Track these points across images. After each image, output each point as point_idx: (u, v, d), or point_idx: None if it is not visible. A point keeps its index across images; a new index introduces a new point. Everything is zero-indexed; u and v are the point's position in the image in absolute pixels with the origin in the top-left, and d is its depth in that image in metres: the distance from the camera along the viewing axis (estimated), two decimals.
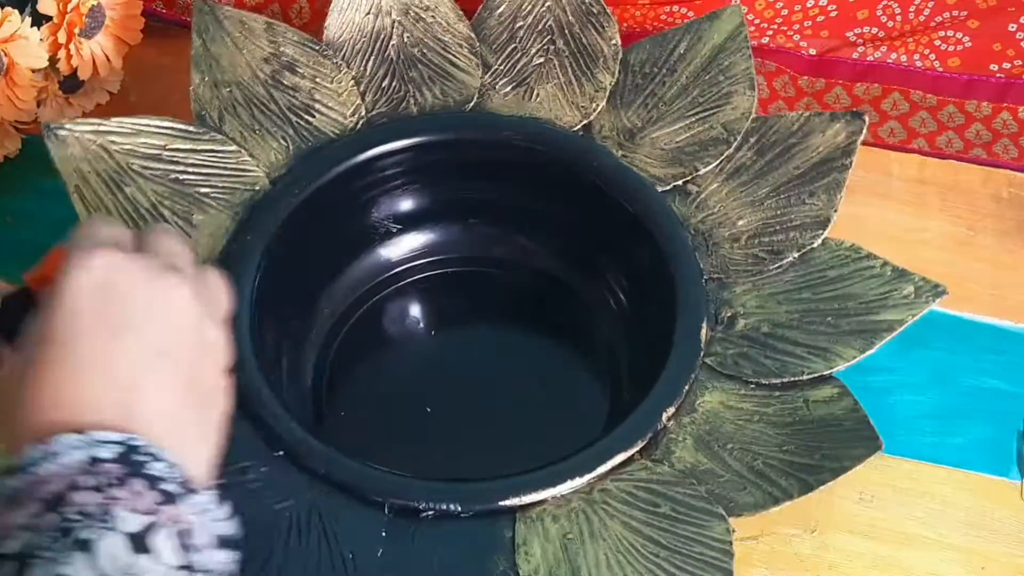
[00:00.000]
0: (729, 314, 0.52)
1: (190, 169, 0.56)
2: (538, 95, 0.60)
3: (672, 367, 0.50)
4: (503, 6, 0.63)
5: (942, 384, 0.51)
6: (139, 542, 0.33)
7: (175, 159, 0.56)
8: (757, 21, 0.73)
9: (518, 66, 0.61)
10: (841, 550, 0.52)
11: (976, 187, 0.66)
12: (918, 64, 0.72)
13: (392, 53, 0.61)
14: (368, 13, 0.62)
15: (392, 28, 0.62)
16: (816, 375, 0.49)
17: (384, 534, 0.46)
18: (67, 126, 0.55)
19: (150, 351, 0.38)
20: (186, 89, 0.58)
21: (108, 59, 0.64)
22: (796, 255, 0.53)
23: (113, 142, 0.55)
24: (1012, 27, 0.70)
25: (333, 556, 0.45)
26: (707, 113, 0.58)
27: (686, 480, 0.47)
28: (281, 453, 0.48)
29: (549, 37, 0.62)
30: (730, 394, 0.49)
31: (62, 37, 0.61)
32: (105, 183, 0.55)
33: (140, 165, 0.55)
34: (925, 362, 0.56)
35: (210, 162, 0.57)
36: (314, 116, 0.59)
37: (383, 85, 0.60)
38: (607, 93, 0.60)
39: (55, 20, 0.60)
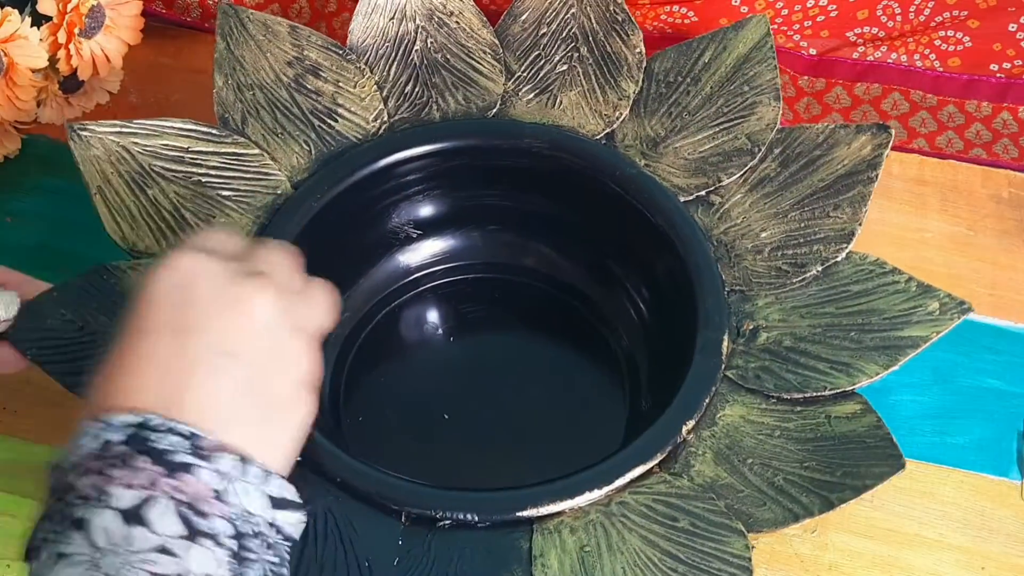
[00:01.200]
0: (751, 327, 0.52)
1: (212, 172, 0.56)
2: (561, 103, 0.60)
3: (692, 379, 0.50)
4: (527, 12, 0.62)
5: (942, 384, 0.51)
6: (132, 515, 0.34)
7: (197, 161, 0.56)
8: None
9: (541, 73, 0.61)
10: (841, 550, 0.52)
11: (976, 187, 0.66)
12: (918, 64, 0.71)
13: (416, 58, 0.61)
14: (392, 18, 0.61)
15: (416, 33, 0.61)
16: (839, 391, 0.48)
17: (400, 542, 0.46)
18: (90, 127, 0.55)
19: (213, 350, 0.39)
20: (185, 89, 0.59)
21: (108, 59, 0.64)
22: (820, 268, 0.53)
23: (136, 143, 0.55)
24: (1012, 27, 0.70)
25: (349, 563, 0.45)
26: (731, 123, 0.58)
27: (705, 494, 0.46)
28: (298, 458, 0.48)
29: (573, 44, 0.61)
30: (751, 408, 0.49)
31: (62, 37, 0.60)
32: (128, 184, 0.55)
33: (162, 167, 0.55)
34: (925, 362, 0.56)
35: (232, 165, 0.56)
36: (337, 120, 0.59)
37: (406, 90, 0.60)
38: (631, 102, 0.59)
39: (55, 20, 0.60)
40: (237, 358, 0.39)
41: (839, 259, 0.53)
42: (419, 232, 0.61)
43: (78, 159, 0.54)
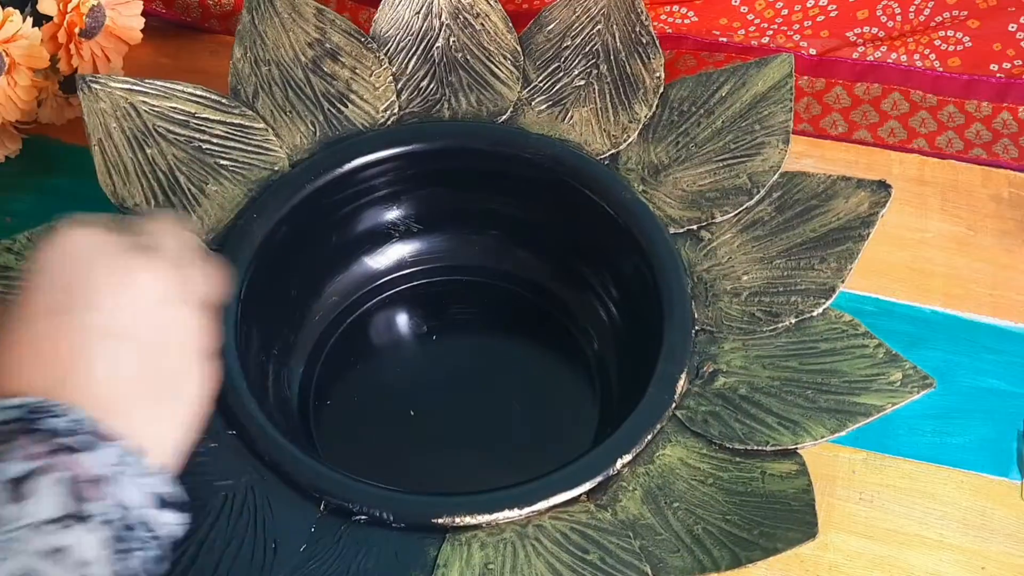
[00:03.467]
0: (711, 369, 0.50)
1: (214, 139, 0.57)
2: (572, 117, 0.59)
3: (640, 413, 0.49)
4: (554, 24, 0.62)
5: (942, 384, 0.50)
6: (14, 489, 0.33)
7: (202, 127, 0.57)
8: (757, 21, 0.72)
9: (558, 85, 0.60)
10: (841, 550, 0.52)
11: (976, 187, 0.66)
12: (918, 64, 0.71)
13: (435, 55, 0.61)
14: (418, 12, 0.62)
15: (440, 30, 0.61)
16: (780, 448, 0.47)
17: (313, 530, 0.46)
18: (102, 80, 0.56)
19: (99, 332, 0.38)
20: None
21: (108, 59, 0.64)
22: (793, 321, 0.51)
23: (144, 102, 0.57)
24: (1012, 27, 0.70)
25: (256, 541, 0.45)
26: (736, 161, 0.56)
27: (623, 532, 0.45)
28: (233, 432, 0.48)
29: (594, 61, 0.60)
30: (691, 451, 0.48)
31: (62, 37, 0.60)
32: (128, 141, 0.56)
33: (166, 128, 0.56)
34: (925, 362, 0.54)
35: (235, 136, 0.57)
36: (347, 106, 0.59)
37: (421, 85, 0.60)
38: (640, 125, 0.58)
39: (55, 20, 0.60)
40: (125, 338, 0.38)
41: (814, 314, 0.51)
42: (413, 228, 0.61)
43: (84, 110, 0.55)
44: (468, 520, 0.46)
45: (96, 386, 0.37)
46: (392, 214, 0.60)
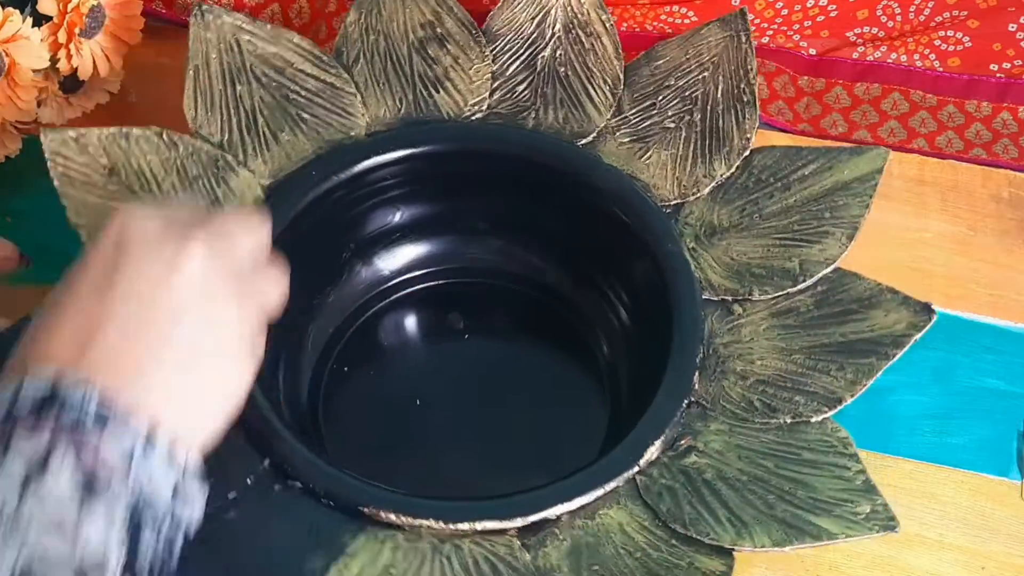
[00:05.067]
0: (687, 445, 0.48)
1: (303, 92, 0.58)
2: (651, 157, 0.58)
3: (599, 469, 0.47)
4: (663, 61, 0.60)
5: (942, 384, 0.51)
6: (31, 473, 0.33)
7: (295, 78, 0.59)
8: (757, 21, 0.73)
9: (648, 122, 0.59)
10: (841, 550, 0.51)
11: (976, 187, 0.66)
12: (918, 64, 0.72)
13: (538, 63, 0.61)
14: (534, 18, 0.61)
15: (549, 40, 0.61)
16: (717, 544, 0.44)
17: (249, 481, 0.47)
18: (216, 10, 0.58)
19: (130, 301, 0.37)
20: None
21: (108, 59, 0.63)
22: (788, 420, 0.48)
23: (250, 42, 0.59)
24: (1012, 27, 0.70)
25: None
26: (793, 244, 0.53)
27: None
28: None
29: (690, 107, 0.59)
30: (634, 520, 0.46)
31: (62, 37, 0.60)
32: (223, 74, 0.58)
33: (262, 71, 0.58)
34: (925, 362, 0.56)
35: (324, 94, 0.59)
36: (439, 92, 0.60)
37: (516, 90, 0.60)
38: (714, 183, 0.56)
39: (55, 20, 0.59)
40: (156, 309, 0.38)
41: (811, 420, 0.48)
42: (429, 229, 0.61)
43: (191, 35, 0.58)
44: (391, 517, 0.45)
45: (112, 353, 0.36)
46: (403, 215, 0.60)
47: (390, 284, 0.60)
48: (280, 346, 0.54)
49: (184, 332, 0.38)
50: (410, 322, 0.61)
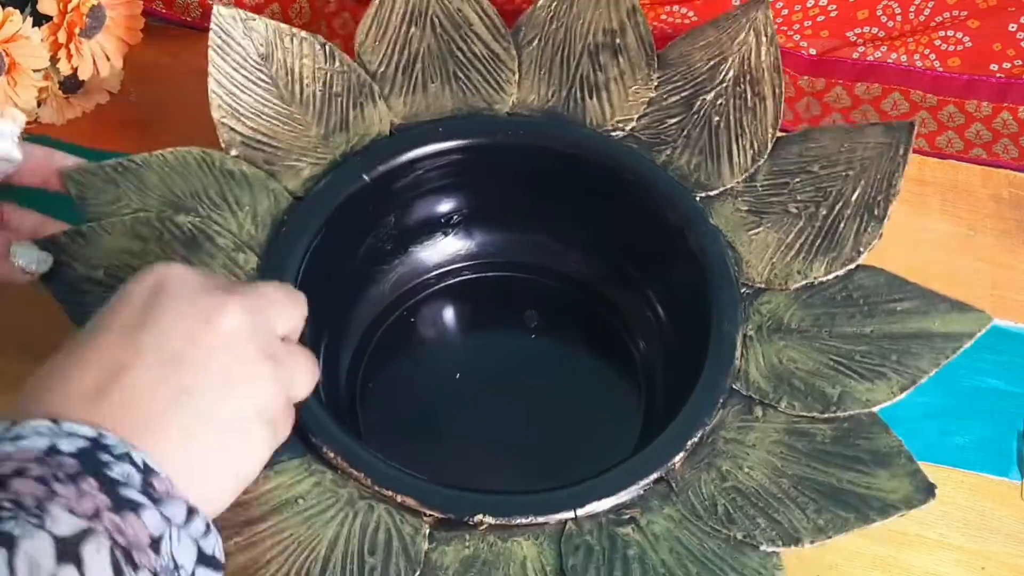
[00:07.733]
0: (631, 515, 0.45)
1: (468, 53, 0.58)
2: (758, 232, 0.54)
3: (539, 498, 0.45)
4: (816, 145, 0.56)
5: (942, 384, 0.50)
6: (67, 548, 0.30)
7: (468, 38, 0.59)
8: None
9: (771, 199, 0.55)
10: (841, 550, 0.51)
11: (976, 187, 0.66)
12: (918, 64, 0.71)
13: (696, 105, 0.58)
14: (709, 61, 0.59)
15: (716, 86, 0.59)
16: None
17: None
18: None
19: (157, 349, 0.36)
20: (186, 88, 0.57)
21: (108, 59, 0.62)
22: (738, 537, 0.45)
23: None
24: (1012, 27, 0.70)
25: None
26: (845, 374, 0.49)
27: None
28: None
29: (820, 200, 0.54)
30: (539, 561, 0.44)
31: (62, 37, 0.59)
32: (405, 13, 0.58)
33: (439, 21, 0.59)
34: None
35: (485, 60, 0.58)
36: (591, 99, 0.58)
37: (665, 122, 0.58)
38: (802, 285, 0.52)
39: (55, 20, 0.59)
40: (182, 362, 0.36)
41: (759, 547, 0.45)
42: (474, 222, 0.59)
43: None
44: (330, 454, 0.44)
45: (132, 398, 0.35)
46: (447, 206, 0.59)
47: (431, 275, 0.59)
48: (321, 331, 0.52)
49: (208, 398, 0.36)
50: (453, 312, 0.60)
